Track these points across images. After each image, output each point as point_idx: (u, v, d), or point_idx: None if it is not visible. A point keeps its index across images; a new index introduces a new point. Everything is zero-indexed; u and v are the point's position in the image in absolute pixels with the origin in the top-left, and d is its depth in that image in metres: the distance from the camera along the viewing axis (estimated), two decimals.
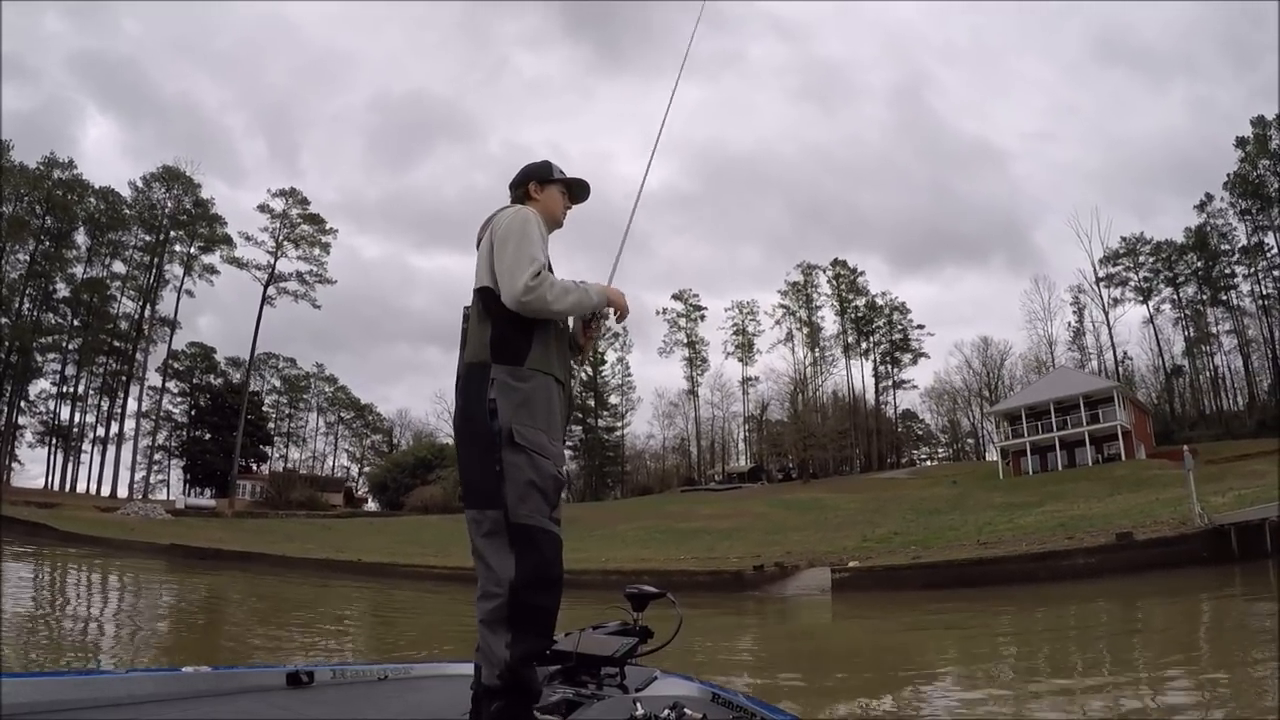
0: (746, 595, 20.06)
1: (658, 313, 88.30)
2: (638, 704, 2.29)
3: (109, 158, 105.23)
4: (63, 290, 69.72)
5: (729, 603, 18.24)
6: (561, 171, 2.79)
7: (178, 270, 71.89)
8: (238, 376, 78.36)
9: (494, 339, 2.37)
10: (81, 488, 69.36)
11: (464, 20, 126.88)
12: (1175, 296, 71.99)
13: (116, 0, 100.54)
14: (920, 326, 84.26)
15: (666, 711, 2.25)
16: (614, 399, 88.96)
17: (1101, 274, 73.28)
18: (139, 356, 71.30)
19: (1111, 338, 73.19)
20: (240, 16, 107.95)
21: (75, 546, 33.03)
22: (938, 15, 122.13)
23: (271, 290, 71.34)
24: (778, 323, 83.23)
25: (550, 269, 2.46)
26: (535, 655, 2.23)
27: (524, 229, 2.44)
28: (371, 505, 77.27)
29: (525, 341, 2.38)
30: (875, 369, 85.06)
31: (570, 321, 2.63)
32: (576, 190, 2.84)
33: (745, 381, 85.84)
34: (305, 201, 73.27)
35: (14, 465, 66.14)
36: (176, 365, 78.38)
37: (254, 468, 77.85)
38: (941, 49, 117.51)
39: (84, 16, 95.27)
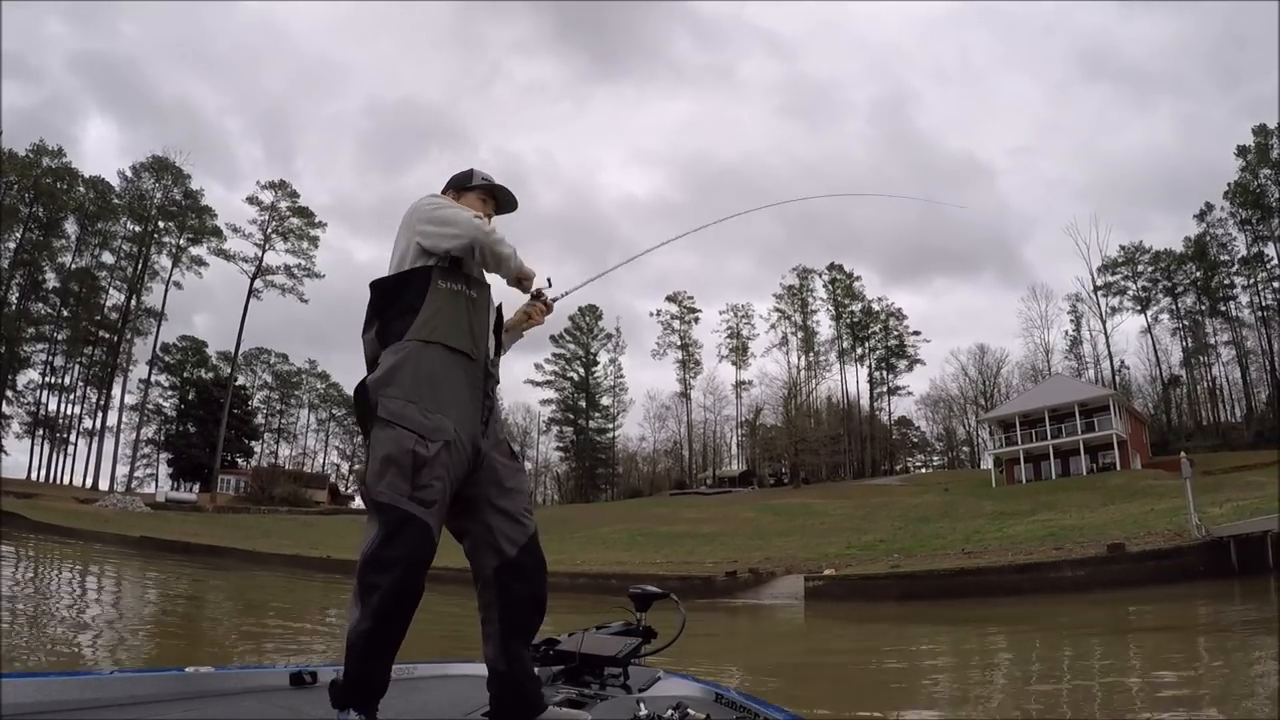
0: (715, 603, 19.22)
1: (651, 314, 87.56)
2: (641, 704, 2.24)
3: (108, 157, 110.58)
4: (52, 280, 69.04)
5: (691, 612, 17.24)
6: (486, 177, 2.67)
7: (166, 262, 71.26)
8: (229, 371, 77.57)
9: (380, 330, 2.31)
10: (71, 480, 68.71)
11: (457, 26, 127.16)
12: (1174, 306, 71.42)
13: (115, 1, 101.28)
14: (916, 333, 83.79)
15: (670, 712, 2.20)
16: (605, 400, 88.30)
17: (1099, 283, 72.65)
18: (124, 347, 70.47)
19: (1109, 347, 72.66)
20: (236, 23, 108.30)
21: (42, 536, 32.45)
22: (922, 35, 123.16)
23: (259, 284, 70.66)
24: (773, 327, 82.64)
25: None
26: (367, 637, 2.03)
27: (445, 200, 2.48)
28: (360, 503, 76.21)
29: (409, 317, 2.26)
30: (870, 375, 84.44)
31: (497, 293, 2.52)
32: (501, 197, 2.70)
33: (739, 385, 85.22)
34: (294, 194, 72.75)
35: None
36: (167, 359, 77.69)
37: (239, 463, 76.87)
38: (926, 67, 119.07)
39: (83, 19, 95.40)
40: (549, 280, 2.71)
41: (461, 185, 2.64)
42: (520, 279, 2.51)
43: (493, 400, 2.37)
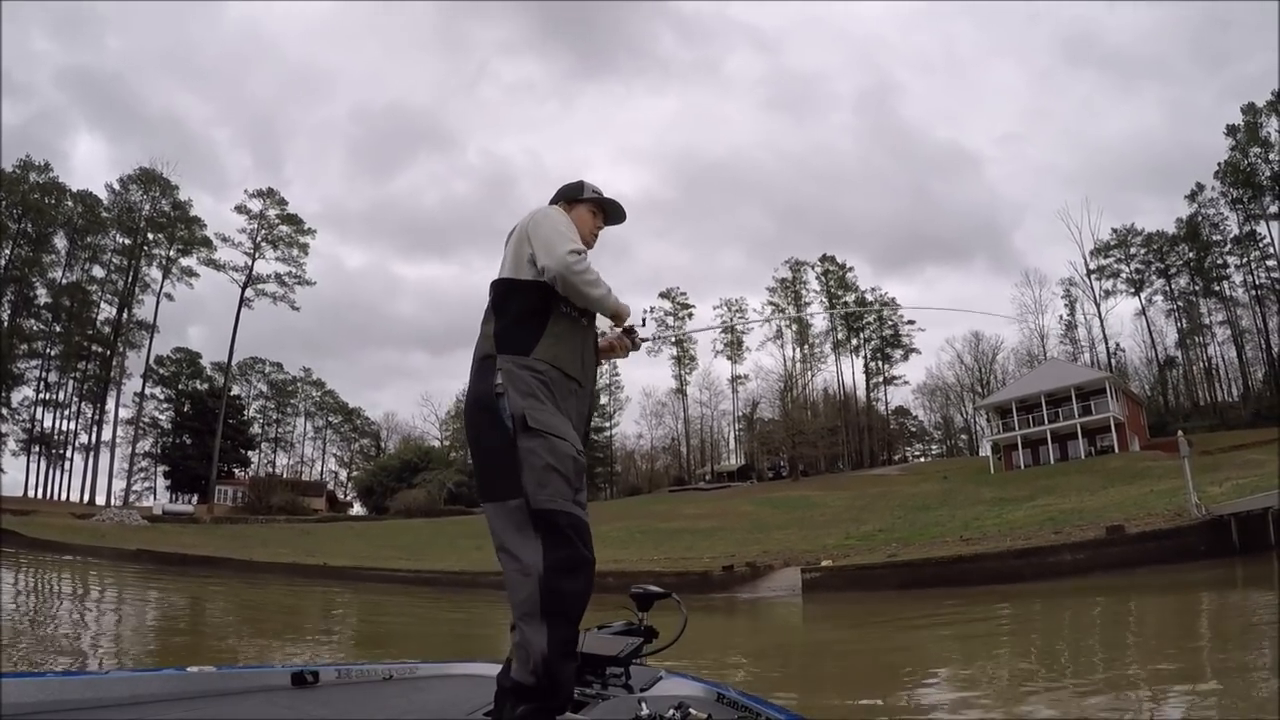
0: (711, 598, 19.06)
1: (645, 311, 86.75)
2: (643, 704, 2.26)
3: (98, 172, 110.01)
4: (43, 296, 68.68)
5: (687, 608, 17.05)
6: (596, 191, 2.76)
7: (156, 274, 70.93)
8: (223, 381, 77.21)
9: (499, 331, 2.38)
10: (68, 496, 68.31)
11: (441, 27, 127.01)
12: (1168, 288, 71.20)
13: (102, 2, 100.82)
14: (911, 322, 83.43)
15: (671, 711, 2.21)
16: (601, 399, 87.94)
17: (1093, 266, 72.47)
18: (116, 361, 70.13)
19: (1104, 330, 72.49)
20: (221, 32, 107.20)
21: (38, 553, 32.25)
22: (905, 25, 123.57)
23: (250, 293, 70.36)
24: (767, 320, 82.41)
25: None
26: (569, 644, 2.15)
27: (558, 218, 2.49)
28: (358, 509, 76.32)
29: (534, 334, 2.36)
30: (866, 365, 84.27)
31: (601, 325, 2.66)
32: (610, 210, 2.81)
33: (734, 380, 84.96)
34: (283, 202, 72.37)
35: None
36: (162, 371, 77.35)
37: (236, 473, 76.60)
38: (910, 58, 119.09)
39: (69, 35, 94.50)
40: (644, 319, 2.82)
41: (572, 198, 2.72)
42: (615, 317, 2.63)
43: (591, 425, 2.54)
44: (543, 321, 2.37)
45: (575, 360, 2.42)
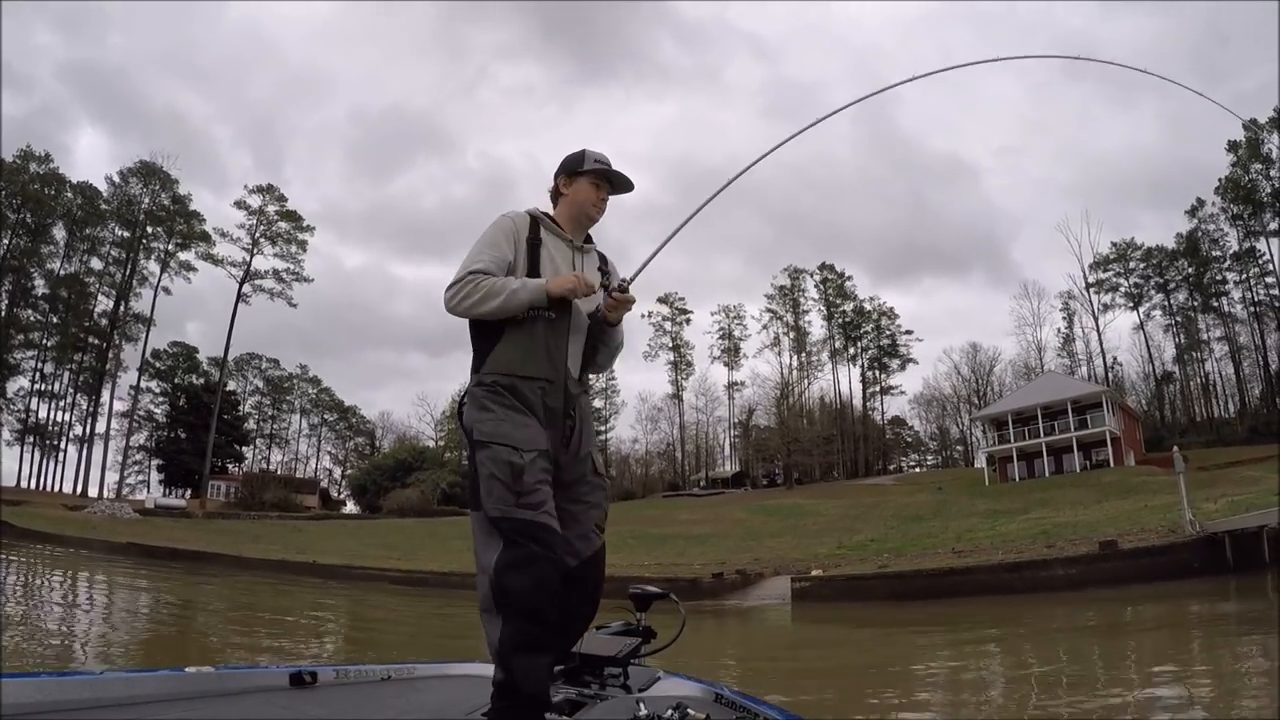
0: (701, 605, 18.94)
1: (642, 316, 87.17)
2: (641, 704, 2.26)
3: (99, 166, 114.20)
4: (40, 287, 68.55)
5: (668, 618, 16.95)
6: (599, 160, 2.67)
7: (154, 267, 70.82)
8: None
9: (473, 353, 2.46)
10: (61, 487, 68.07)
11: (440, 30, 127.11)
12: (1166, 303, 71.28)
13: (105, 0, 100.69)
14: (909, 332, 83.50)
15: (670, 712, 2.21)
16: (597, 403, 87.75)
17: (1091, 279, 72.51)
18: (112, 354, 70.07)
19: (1101, 344, 72.50)
20: (223, 32, 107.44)
21: (29, 543, 32.15)
22: (903, 35, 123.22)
23: (247, 288, 70.21)
24: (765, 327, 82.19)
25: (539, 269, 2.51)
26: (527, 639, 2.13)
27: (480, 237, 2.50)
28: (352, 508, 76.18)
29: (488, 346, 2.41)
30: (863, 374, 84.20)
31: (597, 300, 2.58)
32: (615, 181, 2.70)
33: (731, 386, 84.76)
34: (282, 198, 72.23)
35: None
36: (158, 365, 77.23)
37: (229, 468, 76.42)
38: (907, 68, 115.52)
39: (72, 30, 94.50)
40: (601, 270, 2.71)
41: (572, 170, 2.66)
42: (549, 303, 2.44)
43: (575, 419, 2.47)
44: (497, 334, 2.41)
45: (537, 358, 2.41)
